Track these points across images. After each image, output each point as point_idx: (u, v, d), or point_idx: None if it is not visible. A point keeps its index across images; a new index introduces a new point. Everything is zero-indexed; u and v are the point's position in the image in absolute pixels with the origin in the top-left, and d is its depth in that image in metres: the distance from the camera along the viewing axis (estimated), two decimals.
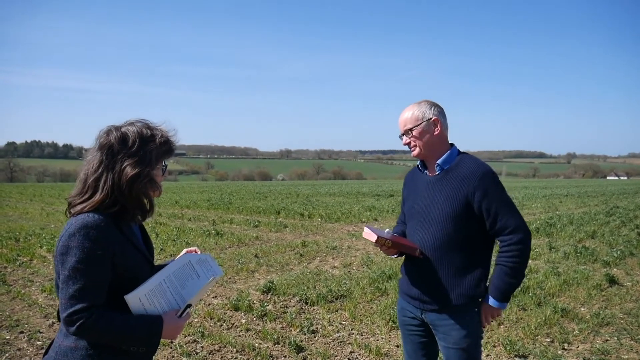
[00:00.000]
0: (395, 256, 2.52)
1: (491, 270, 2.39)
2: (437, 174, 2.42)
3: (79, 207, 1.66)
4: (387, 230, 2.52)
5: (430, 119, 2.38)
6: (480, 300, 2.37)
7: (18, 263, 8.39)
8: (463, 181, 2.29)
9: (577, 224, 13.41)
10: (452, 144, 2.46)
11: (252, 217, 15.84)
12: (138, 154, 1.70)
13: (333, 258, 8.86)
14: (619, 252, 8.71)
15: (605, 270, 7.53)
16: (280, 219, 15.51)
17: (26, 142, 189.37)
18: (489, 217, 2.25)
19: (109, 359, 1.65)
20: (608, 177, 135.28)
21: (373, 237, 2.32)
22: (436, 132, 2.38)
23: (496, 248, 2.35)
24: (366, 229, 2.41)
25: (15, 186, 50.18)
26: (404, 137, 2.45)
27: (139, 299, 1.65)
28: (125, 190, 1.67)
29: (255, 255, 8.98)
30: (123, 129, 1.73)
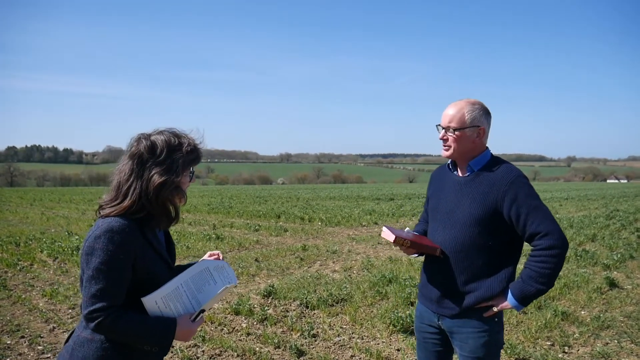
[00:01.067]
0: (416, 256, 2.46)
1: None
2: (467, 175, 2.32)
3: (107, 210, 1.75)
4: (407, 229, 2.48)
5: (478, 127, 2.27)
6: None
7: (18, 268, 8.39)
8: (493, 185, 2.21)
9: (578, 227, 13.42)
10: (486, 147, 2.36)
11: (253, 221, 15.85)
12: (165, 162, 1.77)
13: (333, 262, 8.86)
14: (619, 255, 8.71)
15: (605, 273, 7.53)
16: (281, 222, 15.52)
17: (26, 146, 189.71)
18: (519, 223, 2.14)
19: (121, 353, 1.73)
20: (608, 181, 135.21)
21: (391, 237, 2.28)
22: (477, 141, 2.29)
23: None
24: (384, 229, 2.36)
25: (15, 190, 50.21)
26: (443, 131, 2.32)
27: (156, 302, 1.73)
28: (152, 198, 1.74)
29: (256, 259, 8.99)
30: (152, 138, 1.80)
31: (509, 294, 2.18)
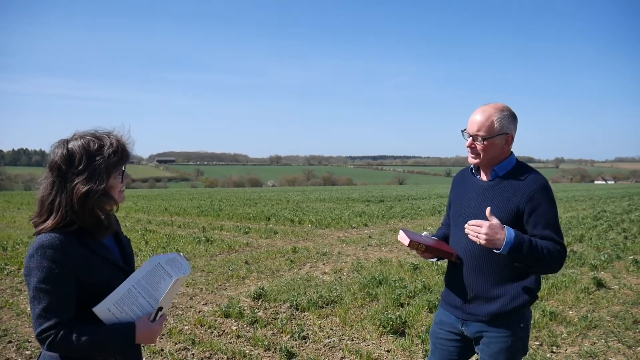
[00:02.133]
0: (435, 259, 2.44)
1: (542, 286, 2.30)
2: (491, 180, 2.31)
3: (39, 228, 1.69)
4: (424, 233, 2.48)
5: (507, 134, 2.24)
6: (525, 314, 2.29)
7: (6, 272, 8.30)
8: (517, 191, 2.20)
9: (565, 228, 13.54)
10: (511, 152, 2.35)
11: (242, 224, 15.81)
12: (86, 170, 1.67)
13: (323, 264, 8.87)
14: (606, 256, 8.81)
15: (592, 273, 7.61)
16: (271, 225, 15.49)
17: (13, 149, 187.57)
18: (534, 230, 2.17)
19: None
20: (596, 182, 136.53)
21: (406, 241, 2.27)
22: (505, 147, 2.27)
23: None
24: (401, 232, 2.34)
25: (2, 194, 49.59)
26: (470, 139, 2.28)
27: (108, 309, 1.65)
28: (78, 210, 1.65)
29: (246, 262, 8.97)
30: (70, 146, 1.70)
31: (510, 230, 2.08)
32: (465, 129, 2.31)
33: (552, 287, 6.70)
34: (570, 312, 5.75)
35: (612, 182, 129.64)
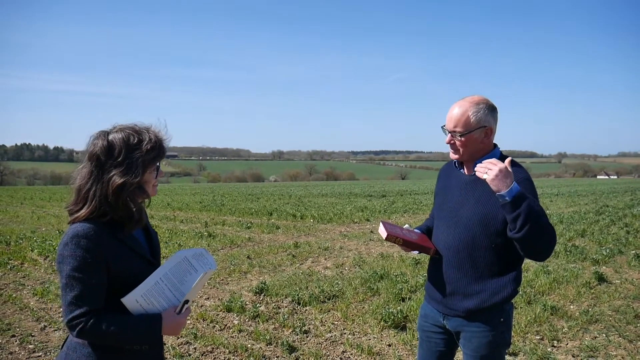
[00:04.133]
0: (416, 253, 2.44)
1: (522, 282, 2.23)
2: (473, 174, 2.25)
3: (74, 217, 1.72)
4: (406, 226, 2.47)
5: (485, 127, 2.20)
6: (505, 309, 2.25)
7: (9, 267, 8.34)
8: None
9: (567, 222, 13.53)
10: (495, 145, 2.31)
11: (245, 219, 15.84)
12: (124, 163, 1.71)
13: (325, 259, 8.89)
14: (608, 251, 8.81)
15: (594, 268, 7.61)
16: (273, 220, 15.51)
17: (16, 144, 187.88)
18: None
19: (113, 355, 1.73)
20: (598, 177, 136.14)
21: (384, 234, 2.28)
22: (485, 140, 2.24)
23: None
24: (381, 225, 2.33)
25: (5, 189, 49.77)
26: (449, 135, 2.26)
27: (136, 300, 1.70)
28: (112, 201, 1.69)
29: (248, 257, 9.00)
30: (110, 137, 1.73)
31: (515, 185, 1.99)
32: (444, 125, 2.28)
33: (553, 281, 6.70)
34: (572, 307, 5.75)
35: (615, 177, 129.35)
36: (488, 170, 2.01)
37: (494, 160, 2.04)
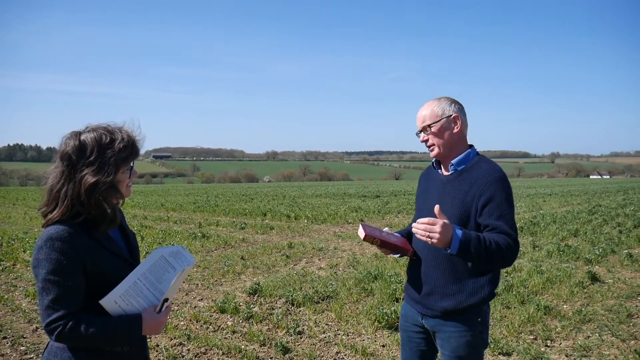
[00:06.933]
0: (398, 255, 2.47)
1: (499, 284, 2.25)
2: (449, 174, 2.33)
3: (47, 218, 1.70)
4: (385, 229, 2.48)
5: (451, 115, 2.29)
6: (482, 309, 2.27)
7: (1, 268, 8.28)
8: (473, 185, 2.20)
9: (560, 222, 13.59)
10: (470, 145, 2.37)
11: (239, 219, 15.81)
12: (97, 162, 1.69)
13: (319, 259, 8.88)
14: (600, 250, 8.85)
15: (587, 267, 7.64)
16: (267, 220, 15.50)
17: (8, 145, 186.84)
18: (483, 220, 2.15)
19: (95, 358, 1.71)
20: (591, 176, 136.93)
21: (362, 235, 2.29)
22: (456, 130, 2.29)
23: None
24: (360, 227, 2.35)
25: None
26: (422, 134, 2.35)
27: (115, 301, 1.68)
28: (85, 200, 1.67)
29: (242, 257, 8.97)
30: (82, 137, 1.72)
31: (457, 230, 2.05)
32: (417, 132, 2.39)
33: (546, 281, 6.73)
34: (565, 306, 5.77)
35: (608, 177, 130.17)
36: (430, 234, 2.02)
37: (426, 220, 2.03)
